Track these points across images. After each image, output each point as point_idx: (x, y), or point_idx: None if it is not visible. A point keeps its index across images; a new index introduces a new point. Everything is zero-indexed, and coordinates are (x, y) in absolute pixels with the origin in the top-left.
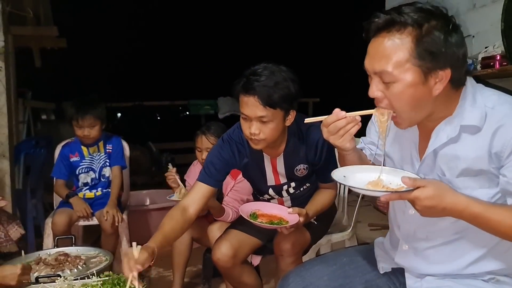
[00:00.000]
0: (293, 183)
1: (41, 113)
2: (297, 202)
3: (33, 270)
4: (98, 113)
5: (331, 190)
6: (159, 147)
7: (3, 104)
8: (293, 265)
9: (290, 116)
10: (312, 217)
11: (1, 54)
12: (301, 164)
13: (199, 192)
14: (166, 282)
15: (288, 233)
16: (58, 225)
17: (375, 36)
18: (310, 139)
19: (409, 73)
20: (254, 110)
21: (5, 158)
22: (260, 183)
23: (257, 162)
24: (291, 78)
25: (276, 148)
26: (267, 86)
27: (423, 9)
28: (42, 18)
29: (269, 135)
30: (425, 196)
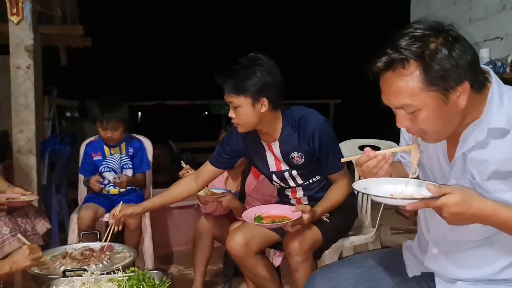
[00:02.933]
0: (295, 171)
1: (65, 111)
2: (311, 196)
3: (60, 263)
4: (122, 115)
5: (343, 184)
6: (180, 146)
7: (31, 101)
8: (303, 264)
9: (262, 104)
10: (321, 215)
11: (30, 52)
12: (295, 151)
13: (205, 171)
14: (187, 280)
15: (293, 230)
16: (83, 220)
17: (382, 74)
18: (302, 128)
19: (428, 99)
20: (226, 96)
21: (32, 154)
22: (263, 169)
23: (258, 149)
24: (266, 70)
25: (270, 134)
26: (233, 75)
27: (418, 37)
28: (69, 17)
29: (241, 119)
30: (452, 203)
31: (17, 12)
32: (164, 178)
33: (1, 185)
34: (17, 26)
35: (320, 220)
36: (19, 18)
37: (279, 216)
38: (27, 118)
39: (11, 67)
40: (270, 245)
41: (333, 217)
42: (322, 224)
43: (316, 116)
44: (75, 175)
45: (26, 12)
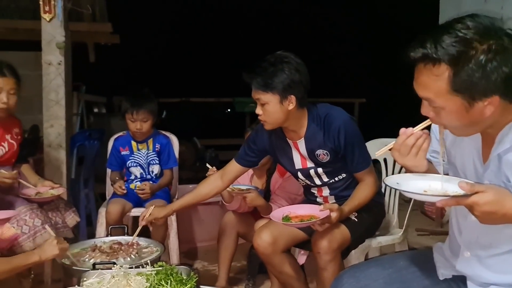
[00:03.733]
0: (320, 168)
1: (93, 107)
2: (337, 195)
3: (89, 256)
4: (152, 107)
5: (369, 182)
6: (204, 143)
7: (61, 97)
8: (332, 263)
9: (290, 101)
10: (349, 213)
11: (61, 49)
12: (320, 149)
13: (230, 169)
14: (211, 275)
15: (321, 229)
16: (111, 214)
17: (415, 63)
18: (327, 126)
19: (451, 102)
20: (253, 93)
21: (62, 148)
22: (289, 166)
23: (283, 146)
24: (294, 67)
25: (296, 132)
26: (261, 72)
27: (462, 39)
28: (98, 15)
29: (268, 116)
30: (484, 202)
31: (50, 10)
32: (189, 174)
33: (32, 178)
34: (49, 24)
35: (348, 219)
36: (51, 16)
37: (307, 216)
38: (57, 113)
39: (42, 63)
40: (296, 243)
41: (361, 216)
42: (350, 223)
43: (341, 113)
44: (102, 170)
45: (58, 10)
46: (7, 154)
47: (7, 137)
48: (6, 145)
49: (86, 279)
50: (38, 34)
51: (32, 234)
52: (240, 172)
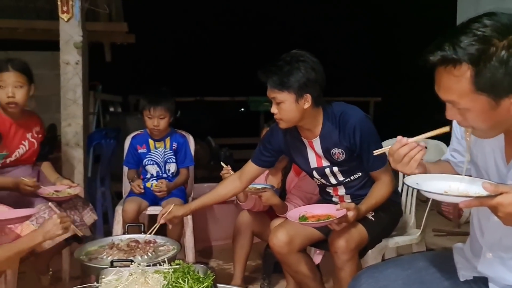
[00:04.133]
0: (336, 167)
1: (109, 106)
2: (353, 194)
3: (107, 254)
4: (169, 105)
5: (385, 181)
6: (218, 142)
7: (79, 96)
8: (349, 263)
9: (305, 100)
10: (366, 213)
11: (79, 49)
12: (335, 147)
13: (248, 170)
14: (226, 274)
15: (339, 228)
16: (128, 212)
17: (435, 67)
18: (342, 124)
19: (477, 102)
20: (268, 92)
21: (79, 147)
22: (304, 166)
23: (298, 145)
24: (310, 66)
25: (311, 130)
26: (277, 71)
27: (481, 38)
28: (114, 14)
29: (284, 115)
30: (508, 202)
31: (67, 10)
32: (203, 173)
33: (52, 177)
34: (67, 24)
35: (365, 218)
36: (69, 16)
37: (324, 215)
38: (75, 112)
39: (60, 63)
40: (312, 243)
41: (378, 215)
42: (367, 222)
43: (357, 111)
44: (118, 169)
45: (76, 10)
46: (27, 152)
47: (28, 136)
48: (27, 144)
49: (104, 277)
50: (55, 34)
51: None
52: (257, 173)
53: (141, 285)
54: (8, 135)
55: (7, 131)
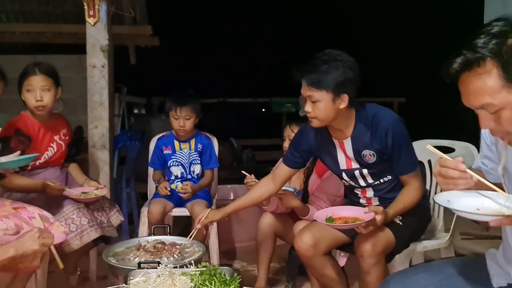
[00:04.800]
0: (365, 169)
1: (133, 108)
2: (381, 197)
3: (134, 255)
4: (195, 105)
5: (415, 186)
6: (241, 143)
7: (105, 98)
8: (375, 267)
9: (342, 100)
10: (393, 217)
11: (105, 52)
12: (366, 149)
13: (280, 171)
14: (250, 276)
15: (365, 232)
16: (153, 214)
17: (459, 76)
18: (374, 126)
19: (510, 97)
20: (304, 90)
21: (105, 148)
22: (333, 167)
23: (328, 146)
24: (347, 65)
25: (343, 131)
26: (315, 69)
27: (495, 34)
28: (138, 17)
29: (319, 114)
30: None
31: (94, 14)
32: (226, 174)
33: (79, 178)
34: (93, 27)
35: (392, 223)
36: (95, 20)
37: (351, 218)
38: (101, 114)
39: (87, 66)
40: (338, 246)
41: (406, 220)
42: (395, 227)
43: (390, 114)
44: (142, 170)
45: (102, 14)
46: (56, 154)
47: (55, 138)
48: (55, 146)
49: (132, 278)
50: (82, 37)
51: (79, 232)
52: (289, 174)
53: (169, 287)
54: (37, 138)
55: (36, 134)
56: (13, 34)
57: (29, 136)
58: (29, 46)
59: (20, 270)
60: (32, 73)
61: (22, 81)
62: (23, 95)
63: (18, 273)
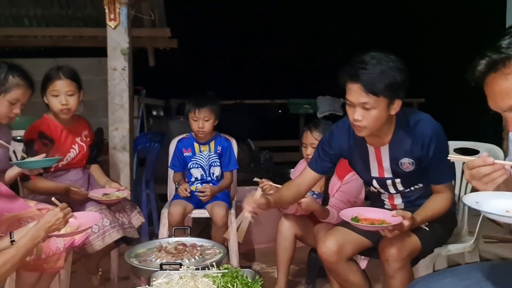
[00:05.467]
0: (399, 179)
1: (152, 109)
2: (409, 203)
3: (156, 256)
4: (214, 107)
5: (446, 197)
6: (258, 144)
7: (125, 101)
8: (400, 272)
9: (395, 105)
10: (420, 223)
11: (125, 55)
12: (406, 157)
13: (308, 176)
14: (270, 278)
15: (391, 236)
16: (174, 215)
17: (485, 79)
18: (417, 133)
19: None
20: (357, 96)
21: (125, 150)
22: (364, 173)
23: (361, 151)
24: (398, 67)
25: (381, 137)
26: (371, 74)
27: None
28: (157, 20)
29: (372, 122)
30: None
31: (115, 18)
32: (243, 176)
33: (101, 180)
34: (114, 31)
35: (419, 228)
36: (116, 23)
37: (378, 220)
38: (122, 117)
39: (108, 69)
40: (361, 251)
41: (433, 226)
42: (421, 233)
43: (432, 121)
44: (161, 172)
45: (123, 17)
46: (78, 156)
47: (77, 140)
48: (77, 148)
49: (155, 279)
50: (101, 41)
51: (101, 233)
52: (316, 179)
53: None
54: (60, 140)
55: (58, 136)
56: (35, 38)
57: (52, 139)
58: (51, 50)
59: (45, 270)
60: (57, 78)
61: (47, 85)
62: (48, 98)
63: (43, 273)
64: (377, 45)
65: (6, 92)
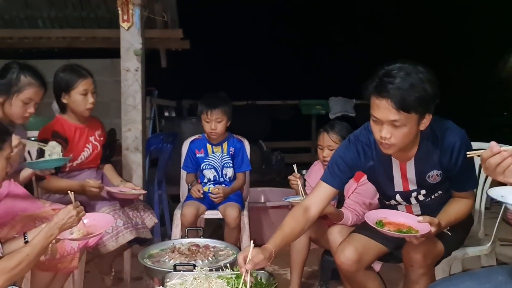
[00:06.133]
0: (424, 190)
1: (163, 110)
2: (427, 210)
3: (169, 257)
4: (226, 108)
5: (468, 200)
6: (270, 145)
7: (138, 101)
8: (424, 278)
9: (425, 120)
10: (445, 228)
11: (138, 56)
12: (434, 170)
13: (322, 192)
14: (282, 280)
15: (417, 242)
16: (186, 216)
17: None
18: (445, 143)
19: None
20: (386, 113)
21: (138, 151)
22: (387, 188)
23: (384, 166)
24: (428, 79)
25: (406, 151)
26: (401, 89)
27: None
28: (169, 21)
29: (401, 140)
30: None
31: (128, 19)
32: (255, 177)
33: (115, 180)
34: (127, 32)
35: (442, 233)
36: (129, 24)
37: (405, 226)
38: (134, 117)
39: (121, 70)
40: (379, 258)
41: (455, 229)
42: (445, 237)
43: (458, 129)
44: (173, 172)
45: (136, 19)
46: (91, 155)
47: (91, 139)
48: (91, 147)
49: (169, 280)
50: (114, 42)
51: (115, 234)
52: (331, 194)
53: None
54: (73, 139)
55: (72, 135)
56: (49, 39)
57: (66, 138)
58: (64, 51)
59: (59, 270)
60: (86, 77)
61: (74, 84)
62: (73, 97)
63: (57, 273)
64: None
65: (19, 92)
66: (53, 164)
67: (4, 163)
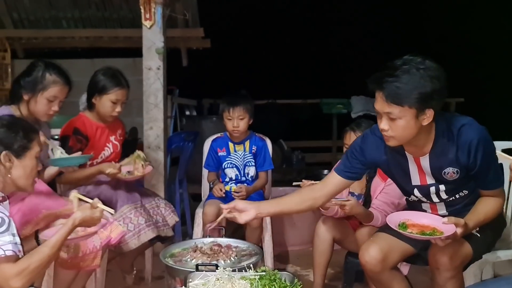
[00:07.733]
0: (443, 185)
1: (184, 109)
2: (454, 210)
3: (191, 257)
4: (248, 106)
5: (497, 199)
6: (290, 145)
7: (160, 100)
8: (452, 281)
9: (427, 115)
10: (473, 229)
11: (160, 55)
12: (450, 167)
13: (332, 182)
14: (305, 281)
15: (443, 244)
16: (208, 215)
17: None
18: (462, 140)
19: None
20: (381, 105)
21: (160, 149)
22: (404, 182)
23: (399, 160)
24: (430, 75)
25: (419, 147)
26: (395, 83)
27: None
28: (190, 20)
29: (399, 132)
30: None
31: (150, 17)
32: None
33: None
34: (149, 30)
35: (470, 235)
36: (151, 23)
37: (429, 227)
38: (156, 116)
39: (143, 68)
40: (405, 258)
41: (484, 231)
42: (473, 239)
43: (477, 125)
44: (194, 171)
45: (158, 17)
46: (112, 155)
47: (111, 138)
48: (111, 146)
49: (191, 280)
50: (136, 41)
51: (137, 231)
52: (342, 186)
53: None
54: (94, 137)
55: (93, 134)
56: (73, 39)
57: (87, 136)
58: (88, 50)
59: (81, 268)
60: (122, 87)
61: (108, 90)
62: (102, 102)
63: (79, 271)
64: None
65: (44, 89)
66: (76, 161)
67: (34, 162)
